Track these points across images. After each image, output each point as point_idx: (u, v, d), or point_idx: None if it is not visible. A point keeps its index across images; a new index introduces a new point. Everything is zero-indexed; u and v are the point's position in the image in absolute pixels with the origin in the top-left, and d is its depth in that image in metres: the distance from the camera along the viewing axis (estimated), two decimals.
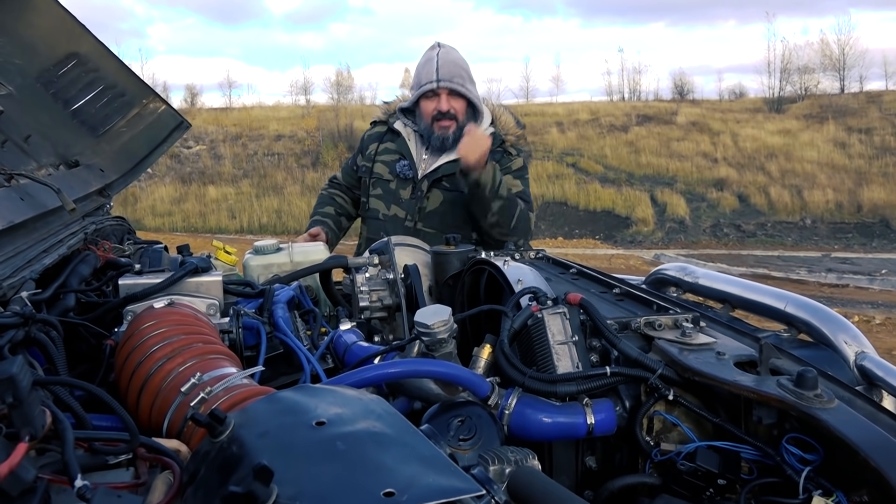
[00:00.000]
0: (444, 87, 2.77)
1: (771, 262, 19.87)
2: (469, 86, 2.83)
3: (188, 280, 1.48)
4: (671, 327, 1.41)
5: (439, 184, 2.84)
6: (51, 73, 2.26)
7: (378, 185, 2.94)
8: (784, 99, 37.44)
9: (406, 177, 2.88)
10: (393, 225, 2.83)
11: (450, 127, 2.80)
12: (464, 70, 2.83)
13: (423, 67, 2.84)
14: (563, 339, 1.35)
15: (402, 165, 2.89)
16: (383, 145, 2.98)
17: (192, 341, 1.22)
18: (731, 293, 1.85)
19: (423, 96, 2.83)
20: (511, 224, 2.71)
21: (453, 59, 2.83)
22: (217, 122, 36.24)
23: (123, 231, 2.21)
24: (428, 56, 2.85)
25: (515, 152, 2.91)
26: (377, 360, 1.46)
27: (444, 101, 2.79)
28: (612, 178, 28.77)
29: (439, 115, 2.80)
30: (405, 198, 2.87)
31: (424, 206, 2.85)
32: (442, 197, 2.84)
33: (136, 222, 20.03)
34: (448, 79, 2.77)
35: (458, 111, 2.81)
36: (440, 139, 2.82)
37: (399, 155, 2.92)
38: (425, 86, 2.79)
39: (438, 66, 2.78)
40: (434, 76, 2.77)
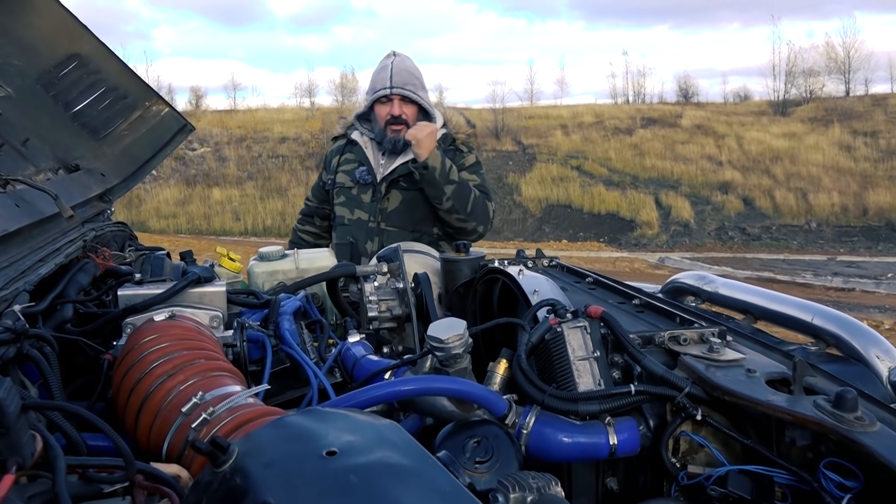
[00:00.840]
0: (396, 93, 2.93)
1: (776, 266, 19.78)
2: (421, 93, 3.00)
3: (190, 291, 1.41)
4: (697, 342, 1.35)
5: (397, 184, 2.99)
6: (51, 75, 2.20)
7: (341, 194, 3.10)
8: (789, 102, 37.33)
9: (366, 181, 3.03)
10: (357, 228, 3.02)
11: (401, 131, 2.93)
12: (416, 78, 3.00)
13: (377, 74, 3.00)
14: (583, 355, 1.28)
15: (360, 171, 3.04)
16: (344, 156, 3.15)
17: (194, 357, 1.15)
18: (753, 304, 1.78)
19: (377, 101, 2.99)
20: (467, 209, 2.85)
21: (407, 67, 2.99)
22: (222, 125, 36.28)
23: (125, 237, 2.14)
24: (383, 64, 3.01)
25: (466, 149, 3.06)
26: (388, 376, 1.40)
27: (397, 107, 2.95)
28: (617, 180, 28.71)
29: (392, 120, 2.95)
30: (367, 201, 3.03)
31: (385, 206, 3.00)
32: (401, 196, 2.99)
33: (140, 224, 20.14)
34: (401, 85, 2.93)
35: (409, 116, 2.96)
36: (392, 142, 2.96)
37: (358, 162, 3.08)
38: (379, 91, 2.95)
39: (392, 74, 2.93)
40: (388, 83, 2.93)
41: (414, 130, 2.73)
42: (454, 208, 2.84)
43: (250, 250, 17.89)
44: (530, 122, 34.34)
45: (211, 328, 1.37)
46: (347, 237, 3.02)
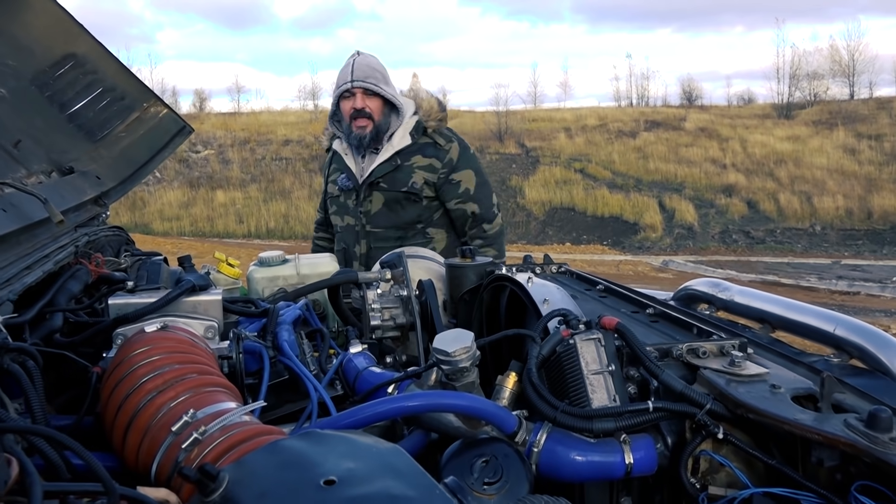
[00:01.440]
0: (358, 87, 2.92)
1: (780, 269, 19.69)
2: (383, 85, 2.97)
3: (185, 299, 1.35)
4: (716, 355, 1.28)
5: (377, 186, 2.99)
6: (46, 75, 2.15)
7: (333, 203, 3.18)
8: (793, 105, 37.24)
9: (347, 187, 3.07)
10: (347, 233, 3.07)
11: (366, 126, 2.94)
12: (379, 72, 2.98)
13: (340, 72, 3.00)
14: (597, 369, 1.22)
15: (341, 179, 3.09)
16: (333, 166, 3.20)
17: (187, 371, 1.09)
18: (771, 312, 1.70)
19: (341, 97, 2.99)
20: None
21: (368, 62, 3.00)
22: (225, 127, 36.29)
23: (121, 242, 2.08)
24: (346, 63, 3.02)
25: (444, 140, 3.02)
26: (391, 389, 1.33)
27: (360, 100, 2.93)
28: (621, 183, 28.64)
29: (356, 114, 2.94)
30: (351, 206, 3.06)
31: (368, 209, 3.01)
32: (382, 197, 2.99)
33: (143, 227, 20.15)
34: (362, 79, 2.92)
35: (373, 110, 2.94)
36: (357, 138, 2.95)
37: (340, 171, 3.12)
38: (341, 87, 2.95)
39: (354, 69, 2.94)
40: (349, 77, 2.93)
41: None
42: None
43: (253, 253, 17.83)
44: (534, 125, 34.30)
45: (206, 339, 1.30)
46: (341, 243, 3.10)
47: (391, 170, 2.95)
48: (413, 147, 2.97)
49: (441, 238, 3.04)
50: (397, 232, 2.98)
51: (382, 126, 2.96)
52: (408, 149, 2.96)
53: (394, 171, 2.95)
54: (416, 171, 2.96)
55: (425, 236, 3.02)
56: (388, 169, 2.95)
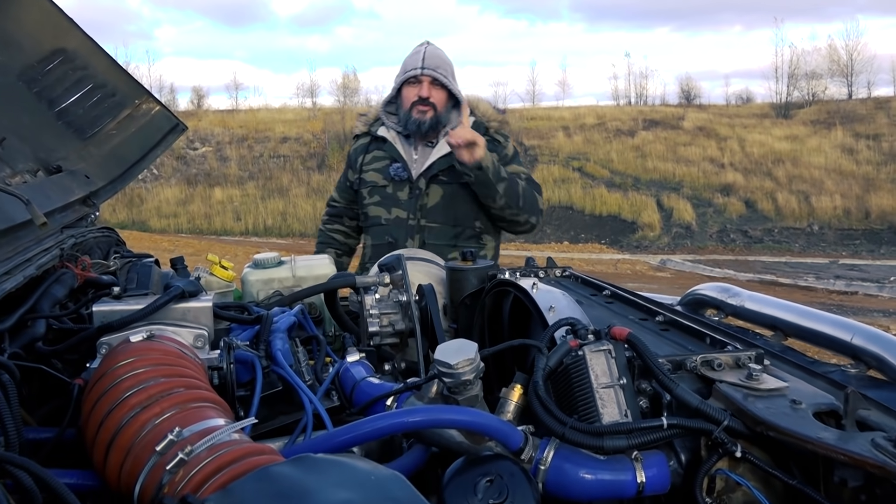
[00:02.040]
0: (427, 75, 2.84)
1: (778, 269, 19.67)
2: (451, 79, 2.91)
3: (174, 306, 1.28)
4: (732, 367, 1.22)
5: (436, 179, 2.88)
6: (35, 71, 2.07)
7: (374, 193, 2.98)
8: (791, 104, 37.24)
9: (401, 178, 2.92)
10: (397, 227, 2.89)
11: (427, 112, 2.86)
12: (448, 65, 2.92)
13: (409, 58, 2.93)
14: (608, 382, 1.15)
15: (395, 168, 2.93)
16: (370, 154, 3.04)
17: (173, 386, 1.02)
18: (784, 320, 1.65)
19: (406, 82, 2.90)
20: (519, 203, 2.79)
21: (439, 54, 2.92)
22: (223, 124, 36.20)
23: (110, 243, 2.01)
24: (416, 49, 2.95)
25: (502, 138, 2.96)
26: (390, 402, 1.27)
27: (426, 88, 2.85)
28: (619, 182, 28.62)
29: (419, 101, 2.85)
30: (404, 198, 2.91)
31: (425, 202, 2.88)
32: (441, 191, 2.88)
33: (141, 224, 20.14)
34: (432, 67, 2.85)
35: (437, 101, 2.87)
36: (416, 123, 2.87)
37: (390, 159, 2.97)
38: (410, 72, 2.87)
39: (425, 57, 2.87)
40: (420, 63, 2.85)
41: (462, 132, 2.59)
42: (507, 204, 2.77)
43: (251, 250, 17.77)
44: (532, 124, 34.24)
45: (195, 349, 1.24)
46: (386, 237, 2.89)
47: (452, 163, 2.81)
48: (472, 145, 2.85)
49: (491, 247, 2.96)
50: (453, 229, 2.87)
51: (443, 118, 2.89)
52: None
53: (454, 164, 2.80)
54: None
55: (479, 241, 2.92)
56: (449, 163, 2.82)
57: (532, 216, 2.85)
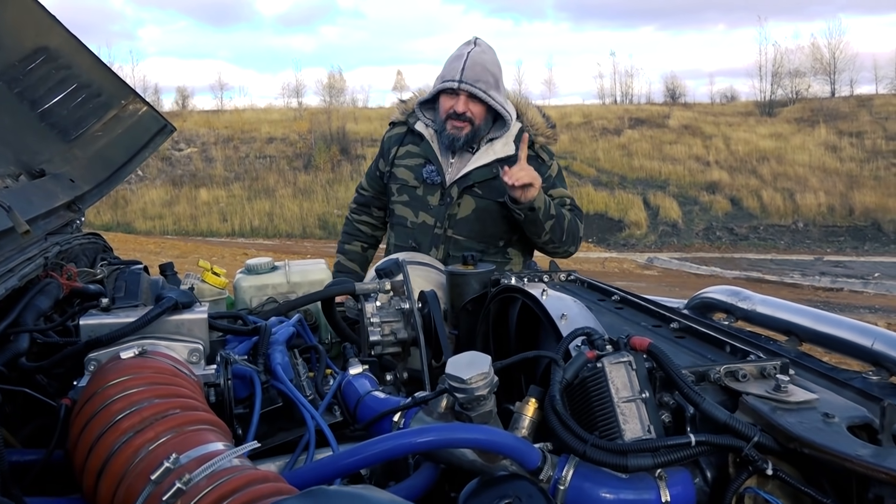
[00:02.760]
0: (465, 89, 2.59)
1: (764, 266, 19.79)
2: (493, 92, 2.63)
3: (166, 319, 1.21)
4: (757, 377, 1.16)
5: (471, 190, 2.67)
6: (16, 70, 1.99)
7: (404, 192, 2.78)
8: (775, 102, 37.50)
9: (434, 182, 2.72)
10: (422, 232, 2.70)
11: (463, 128, 2.63)
12: (492, 75, 2.63)
13: (451, 62, 2.66)
14: (629, 396, 1.09)
15: (429, 171, 2.72)
16: (404, 148, 2.82)
17: (168, 407, 0.95)
18: (799, 324, 1.59)
19: (442, 91, 2.65)
20: (563, 238, 2.61)
21: (483, 61, 2.63)
22: (208, 125, 35.95)
23: (97, 250, 1.93)
24: (459, 52, 2.66)
25: (547, 155, 2.76)
26: (397, 418, 1.20)
27: (462, 103, 2.60)
28: (605, 181, 28.68)
29: (454, 115, 2.62)
30: (433, 204, 2.70)
31: (455, 212, 2.68)
32: (474, 204, 2.67)
33: (126, 226, 19.94)
34: (471, 81, 2.59)
35: (475, 115, 2.63)
36: (450, 138, 2.65)
37: (424, 159, 2.75)
38: (447, 82, 2.61)
39: (465, 66, 2.59)
40: (458, 75, 2.59)
41: (520, 173, 2.38)
42: (551, 240, 2.60)
43: (237, 251, 17.63)
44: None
45: (190, 364, 1.16)
46: (409, 241, 2.71)
47: (490, 177, 2.63)
48: (515, 157, 2.60)
49: (518, 261, 2.78)
50: (479, 244, 2.66)
51: (480, 131, 2.66)
52: (510, 158, 2.62)
53: (493, 178, 2.62)
54: None
55: (505, 256, 2.74)
56: (487, 175, 2.63)
57: (572, 246, 2.69)
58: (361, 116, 37.11)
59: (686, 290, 14.72)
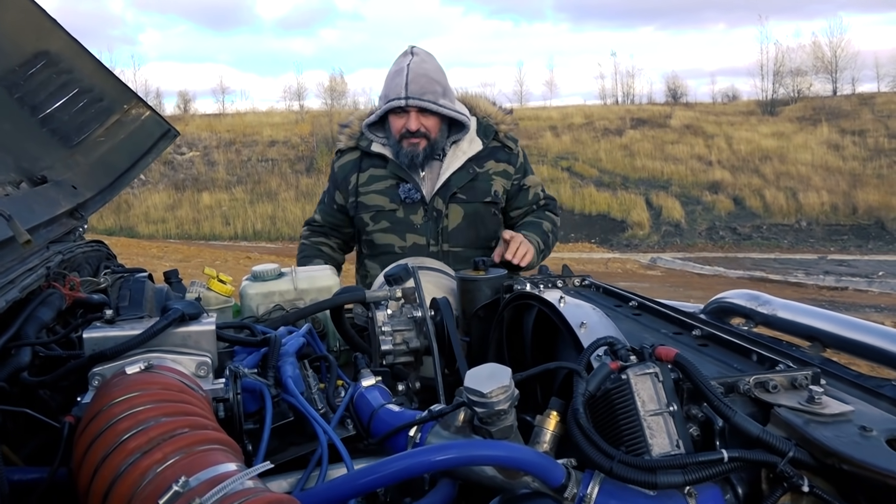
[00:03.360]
0: (413, 105, 2.48)
1: (768, 265, 19.75)
2: (442, 101, 2.52)
3: (173, 331, 1.16)
4: (788, 388, 1.11)
5: (455, 197, 2.58)
6: (16, 75, 1.95)
7: (381, 218, 2.61)
8: (777, 101, 37.47)
9: (413, 200, 2.59)
10: (416, 255, 2.53)
11: (419, 144, 2.53)
12: (437, 83, 2.52)
13: (391, 79, 2.54)
14: (656, 409, 1.05)
15: (405, 189, 2.59)
16: (365, 173, 2.66)
17: (177, 426, 0.91)
18: (823, 330, 1.55)
19: (390, 111, 2.54)
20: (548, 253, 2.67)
21: (425, 70, 2.51)
22: (210, 129, 35.99)
23: (100, 258, 1.89)
24: (398, 66, 2.53)
25: (513, 143, 2.71)
26: (412, 432, 1.16)
27: (413, 121, 2.50)
28: (607, 181, 28.66)
29: (408, 134, 2.52)
30: (419, 223, 2.58)
31: (445, 225, 2.58)
32: (462, 211, 2.58)
33: (129, 230, 20.01)
34: (418, 95, 2.47)
35: (429, 129, 2.53)
36: (409, 156, 2.54)
37: (396, 179, 2.61)
38: (392, 101, 2.49)
39: (409, 80, 2.47)
40: (403, 92, 2.47)
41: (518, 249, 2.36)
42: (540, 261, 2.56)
43: (240, 255, 17.60)
44: (520, 124, 34.19)
45: (197, 379, 1.12)
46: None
47: (469, 179, 2.57)
48: (484, 152, 2.61)
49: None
50: (477, 251, 2.57)
51: (438, 143, 2.56)
52: (479, 154, 2.60)
53: (472, 180, 2.57)
54: (495, 179, 2.62)
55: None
56: (466, 178, 2.57)
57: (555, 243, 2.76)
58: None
59: (690, 290, 14.66)
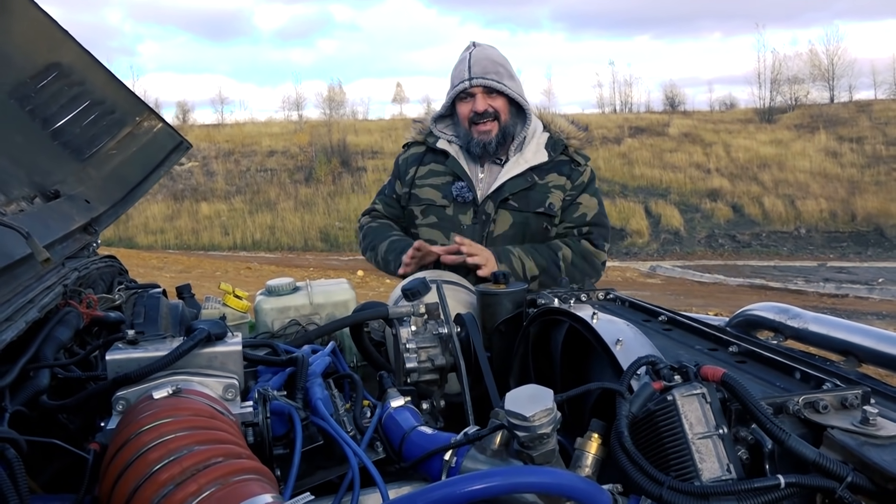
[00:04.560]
0: (477, 85, 2.45)
1: (767, 273, 19.73)
2: (508, 81, 2.49)
3: (198, 352, 1.12)
4: (838, 408, 1.07)
5: (506, 204, 2.51)
6: (28, 87, 1.91)
7: (430, 213, 2.58)
8: (775, 109, 37.58)
9: (465, 200, 2.53)
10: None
11: (491, 130, 2.48)
12: (501, 66, 2.50)
13: (456, 68, 2.53)
14: (704, 431, 1.01)
15: (458, 187, 2.54)
16: (425, 167, 2.64)
17: (210, 455, 0.87)
18: (859, 344, 1.51)
19: (457, 99, 2.52)
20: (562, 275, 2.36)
21: (488, 54, 2.51)
22: (209, 139, 36.03)
23: (113, 274, 1.85)
24: (461, 56, 2.54)
25: (582, 160, 2.60)
26: (447, 456, 1.11)
27: (480, 101, 2.47)
28: (606, 190, 28.64)
29: (476, 118, 2.48)
30: (466, 223, 2.52)
31: (492, 230, 2.51)
32: (511, 219, 2.50)
33: (128, 241, 19.95)
34: (481, 75, 2.45)
35: (498, 109, 2.48)
36: (480, 144, 2.50)
37: (452, 176, 2.58)
38: (458, 86, 2.48)
39: (471, 64, 2.47)
40: (466, 74, 2.46)
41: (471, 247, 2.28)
42: (548, 284, 2.39)
43: (240, 265, 17.54)
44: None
45: (225, 402, 1.08)
46: (441, 266, 2.42)
47: (525, 187, 2.49)
48: (549, 164, 2.52)
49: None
50: None
51: (509, 129, 2.51)
52: (543, 166, 2.52)
53: (528, 188, 2.49)
54: (553, 191, 2.50)
55: None
56: (522, 185, 2.48)
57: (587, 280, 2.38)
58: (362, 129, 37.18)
59: (690, 298, 14.63)
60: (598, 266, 2.52)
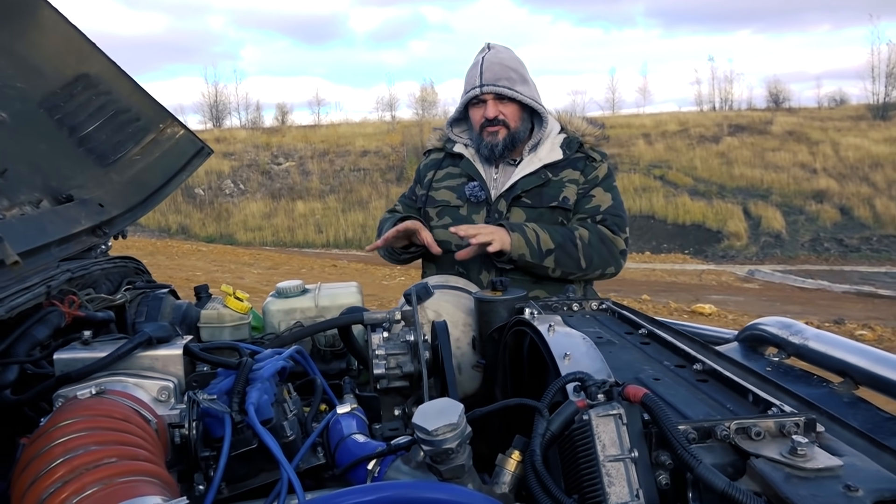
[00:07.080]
0: (488, 92, 2.46)
1: (878, 279, 18.58)
2: (520, 87, 2.48)
3: (142, 354, 1.17)
4: (775, 435, 1.00)
5: (519, 201, 2.49)
6: (57, 98, 2.04)
7: (445, 214, 2.59)
8: (889, 105, 35.24)
9: (478, 199, 2.54)
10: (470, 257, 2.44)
11: (498, 132, 2.48)
12: (513, 71, 2.49)
13: (469, 73, 2.54)
14: (616, 454, 0.96)
15: (472, 187, 2.56)
16: (443, 171, 2.68)
17: (103, 455, 0.90)
18: (855, 365, 1.40)
19: (470, 104, 2.54)
20: (581, 265, 2.37)
21: (501, 59, 2.49)
22: (306, 140, 37.25)
23: (124, 274, 1.94)
24: (474, 60, 2.54)
25: (599, 157, 2.56)
26: (371, 466, 1.11)
27: (491, 108, 2.47)
28: (703, 190, 27.76)
29: (487, 123, 2.49)
30: (480, 223, 2.50)
31: None
32: (525, 216, 2.47)
33: (228, 237, 20.84)
34: (492, 82, 2.45)
35: (507, 116, 2.48)
36: (488, 147, 2.50)
37: (465, 177, 2.60)
38: (469, 92, 2.50)
39: (483, 70, 2.46)
40: (478, 80, 2.46)
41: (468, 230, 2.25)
42: (566, 273, 2.37)
43: (326, 263, 18.00)
44: (611, 132, 33.47)
45: (158, 403, 1.12)
46: (456, 267, 2.46)
47: (539, 184, 2.48)
48: (563, 161, 2.51)
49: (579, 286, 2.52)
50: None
51: (519, 134, 2.51)
52: (558, 163, 2.51)
53: (542, 185, 2.48)
54: (567, 185, 2.48)
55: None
56: (536, 182, 2.48)
57: (608, 268, 2.43)
58: None
59: (789, 304, 13.94)
60: (615, 253, 2.43)
